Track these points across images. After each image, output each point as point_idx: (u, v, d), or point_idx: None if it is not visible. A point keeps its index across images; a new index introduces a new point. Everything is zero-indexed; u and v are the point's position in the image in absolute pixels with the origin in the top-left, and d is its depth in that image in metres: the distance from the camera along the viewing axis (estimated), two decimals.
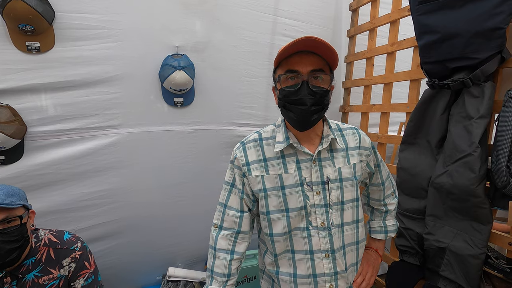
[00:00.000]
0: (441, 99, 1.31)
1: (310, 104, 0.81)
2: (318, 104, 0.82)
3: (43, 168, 1.53)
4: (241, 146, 0.96)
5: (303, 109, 0.82)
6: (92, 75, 1.56)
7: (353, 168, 0.93)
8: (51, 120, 1.52)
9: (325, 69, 0.83)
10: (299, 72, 0.81)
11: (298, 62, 0.81)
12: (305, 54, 0.81)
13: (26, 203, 1.03)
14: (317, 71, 0.81)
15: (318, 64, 0.81)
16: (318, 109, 0.83)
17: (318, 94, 0.81)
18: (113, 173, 1.72)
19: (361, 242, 0.98)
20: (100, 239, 1.75)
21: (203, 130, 1.91)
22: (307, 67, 0.81)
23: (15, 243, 0.95)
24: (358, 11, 2.08)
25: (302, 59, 0.81)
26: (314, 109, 0.82)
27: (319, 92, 0.81)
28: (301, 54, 0.81)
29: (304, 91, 0.80)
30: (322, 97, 0.82)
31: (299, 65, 0.81)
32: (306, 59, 0.81)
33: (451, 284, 1.26)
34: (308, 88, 0.80)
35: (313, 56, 0.81)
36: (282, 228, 0.90)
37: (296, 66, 0.81)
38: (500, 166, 1.09)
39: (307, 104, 0.81)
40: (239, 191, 0.95)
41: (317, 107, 0.82)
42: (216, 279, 0.94)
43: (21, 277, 1.03)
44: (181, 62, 1.67)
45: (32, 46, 1.41)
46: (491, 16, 1.10)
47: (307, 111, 0.82)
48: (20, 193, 1.02)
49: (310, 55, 0.81)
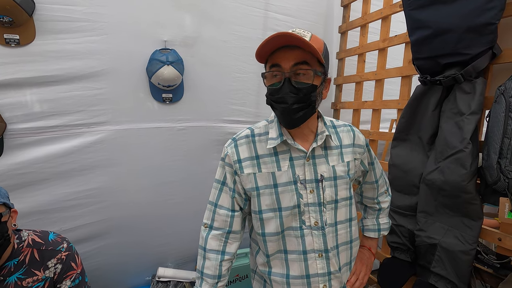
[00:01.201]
0: (433, 95, 1.31)
1: (292, 102, 0.79)
2: (301, 102, 0.79)
3: (25, 167, 1.46)
4: (233, 143, 0.92)
5: (284, 107, 0.80)
6: (76, 70, 1.50)
7: (347, 166, 0.91)
8: (33, 117, 1.45)
9: (310, 62, 0.79)
10: (281, 66, 0.79)
11: (281, 57, 0.79)
12: (290, 48, 0.78)
13: (7, 201, 0.98)
14: (301, 64, 0.78)
15: (302, 57, 0.78)
16: (303, 106, 0.80)
17: (301, 91, 0.78)
18: (100, 171, 1.66)
19: (354, 241, 0.96)
20: (86, 239, 1.70)
21: (193, 127, 1.87)
22: (289, 61, 0.78)
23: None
24: (350, 6, 2.06)
25: (285, 54, 0.78)
26: (296, 107, 0.79)
27: (302, 89, 0.78)
28: (285, 49, 0.78)
29: (286, 89, 0.78)
30: (306, 94, 0.79)
31: (281, 59, 0.79)
32: (289, 54, 0.78)
33: (442, 280, 1.27)
34: (290, 86, 0.78)
35: (297, 50, 0.77)
36: (275, 228, 0.88)
37: (279, 61, 0.79)
38: (491, 162, 1.09)
39: (288, 102, 0.79)
40: (230, 190, 0.92)
41: (301, 105, 0.79)
42: (206, 281, 0.91)
43: (2, 279, 0.99)
44: (170, 57, 1.62)
45: (10, 38, 1.34)
46: (483, 11, 1.09)
47: (289, 110, 0.79)
48: (1, 191, 0.98)
49: (294, 50, 0.77)
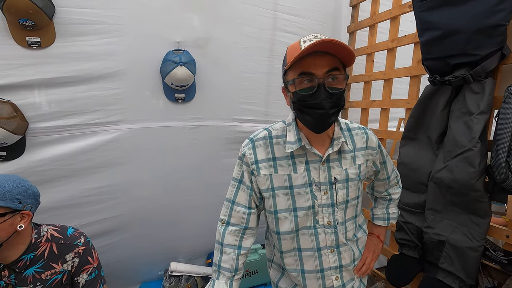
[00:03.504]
0: (442, 95, 1.33)
1: (329, 107, 0.78)
2: (335, 106, 0.80)
3: (45, 164, 1.52)
4: (250, 143, 0.94)
5: (321, 113, 0.79)
6: (93, 70, 1.55)
7: (358, 169, 0.95)
8: (53, 116, 1.51)
9: (339, 67, 0.80)
10: (314, 74, 0.77)
11: (313, 64, 0.77)
12: (319, 55, 0.77)
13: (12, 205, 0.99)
14: (333, 71, 0.78)
15: (333, 63, 0.78)
16: (336, 111, 0.81)
17: (335, 96, 0.78)
18: (115, 169, 1.71)
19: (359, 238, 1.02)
20: (102, 235, 1.76)
21: (204, 126, 1.91)
22: (322, 68, 0.77)
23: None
24: (359, 7, 2.08)
25: (316, 61, 0.77)
26: (332, 111, 0.80)
27: (336, 94, 0.78)
28: (314, 56, 0.77)
29: (322, 95, 0.77)
30: (339, 98, 0.80)
31: (314, 67, 0.77)
32: (320, 60, 0.77)
33: (450, 276, 1.29)
34: (326, 91, 0.77)
35: (327, 56, 0.77)
36: (290, 227, 0.92)
37: (311, 68, 0.77)
38: (499, 161, 1.11)
39: (326, 107, 0.78)
40: (247, 188, 0.95)
41: (335, 109, 0.80)
42: (223, 274, 0.94)
43: (19, 271, 1.03)
44: (183, 57, 1.66)
45: (32, 41, 1.39)
46: (493, 13, 1.11)
47: (326, 115, 0.79)
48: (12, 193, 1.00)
49: (325, 56, 0.77)
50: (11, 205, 1.00)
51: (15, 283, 1.03)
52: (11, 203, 1.00)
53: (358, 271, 1.02)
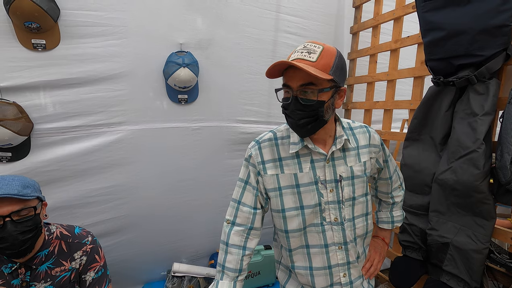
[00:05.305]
0: (446, 96, 1.32)
1: (298, 118, 0.85)
2: (309, 117, 0.84)
3: (50, 165, 1.54)
4: (256, 145, 0.98)
5: (294, 122, 0.87)
6: (97, 72, 1.57)
7: (364, 166, 0.97)
8: (57, 117, 1.53)
9: (316, 81, 0.82)
10: (290, 87, 0.84)
11: (291, 77, 0.84)
12: (297, 69, 0.81)
13: (40, 195, 1.04)
14: (306, 85, 0.82)
15: (308, 78, 0.81)
16: (310, 121, 0.85)
17: (309, 107, 0.83)
18: (118, 169, 1.73)
19: (369, 232, 1.04)
20: (106, 235, 1.77)
21: (207, 127, 1.92)
22: (297, 82, 0.83)
23: (28, 233, 0.97)
24: (362, 7, 2.07)
25: (294, 74, 0.83)
26: (303, 122, 0.85)
27: (310, 105, 0.83)
28: (294, 69, 0.82)
29: (292, 107, 0.84)
30: (314, 110, 0.84)
31: (291, 80, 0.84)
32: (296, 74, 0.83)
33: (454, 278, 1.28)
34: (297, 103, 0.83)
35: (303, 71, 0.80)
36: (297, 224, 0.94)
37: (289, 81, 0.85)
38: (504, 162, 1.10)
39: (295, 118, 0.85)
40: (253, 188, 0.97)
41: (308, 119, 0.85)
42: (227, 274, 0.95)
43: (35, 268, 1.06)
44: (186, 59, 1.67)
45: (38, 43, 1.41)
46: (497, 14, 1.10)
47: (297, 124, 0.86)
48: (34, 184, 1.04)
49: (301, 71, 0.80)
50: (40, 196, 1.05)
51: (29, 280, 1.05)
52: (40, 194, 1.05)
53: (366, 271, 1.04)
